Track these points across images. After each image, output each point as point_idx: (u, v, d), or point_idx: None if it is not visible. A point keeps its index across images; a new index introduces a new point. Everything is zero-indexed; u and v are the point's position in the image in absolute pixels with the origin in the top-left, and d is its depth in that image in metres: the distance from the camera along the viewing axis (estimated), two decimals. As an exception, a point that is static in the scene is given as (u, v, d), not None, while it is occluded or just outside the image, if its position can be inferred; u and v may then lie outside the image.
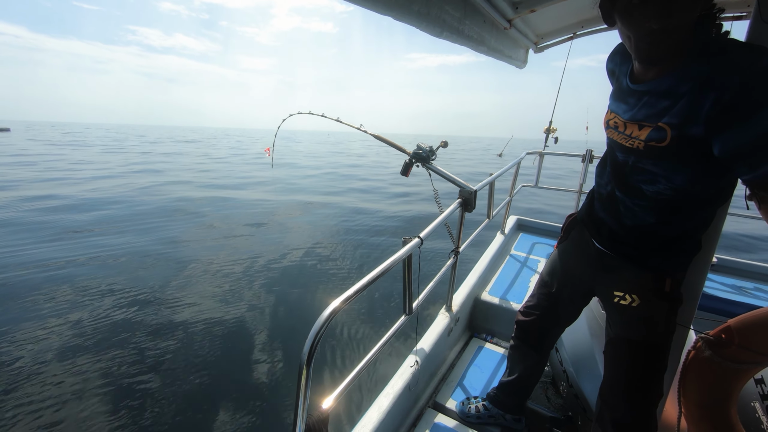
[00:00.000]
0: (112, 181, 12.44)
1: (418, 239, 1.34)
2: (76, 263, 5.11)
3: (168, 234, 6.62)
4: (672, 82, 0.89)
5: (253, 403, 2.71)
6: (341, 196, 10.93)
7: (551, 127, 4.19)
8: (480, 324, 2.49)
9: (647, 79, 0.96)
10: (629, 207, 1.07)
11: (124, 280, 4.63)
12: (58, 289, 4.33)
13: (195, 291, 4.34)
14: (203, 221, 7.57)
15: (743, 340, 1.13)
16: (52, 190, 10.38)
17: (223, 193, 10.85)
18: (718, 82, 0.79)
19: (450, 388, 1.88)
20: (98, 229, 6.82)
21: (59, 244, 5.90)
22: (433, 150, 1.94)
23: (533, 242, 3.59)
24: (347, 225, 7.56)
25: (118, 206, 8.67)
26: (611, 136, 1.10)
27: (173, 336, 3.44)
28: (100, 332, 3.47)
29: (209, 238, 6.53)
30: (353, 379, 1.19)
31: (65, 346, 3.27)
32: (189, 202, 9.45)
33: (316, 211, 8.77)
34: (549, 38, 2.65)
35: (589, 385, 1.62)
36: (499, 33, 2.10)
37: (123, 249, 5.75)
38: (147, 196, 10.06)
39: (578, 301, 1.39)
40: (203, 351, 3.27)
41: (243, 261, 5.39)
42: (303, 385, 0.85)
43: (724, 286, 2.73)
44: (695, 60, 0.85)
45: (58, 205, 8.61)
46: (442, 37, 1.50)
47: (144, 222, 7.29)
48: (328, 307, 0.91)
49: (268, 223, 7.69)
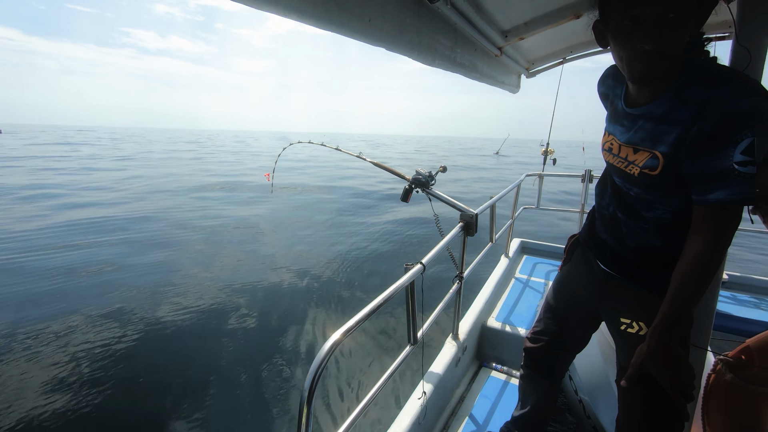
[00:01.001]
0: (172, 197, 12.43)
1: (420, 265, 1.31)
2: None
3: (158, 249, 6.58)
4: (667, 107, 0.90)
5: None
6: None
7: (548, 149, 4.24)
8: (488, 352, 2.41)
9: (642, 103, 0.97)
10: (632, 228, 1.06)
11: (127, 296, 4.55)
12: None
13: (188, 316, 4.26)
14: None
15: (764, 360, 1.08)
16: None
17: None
18: (706, 113, 0.82)
19: (460, 423, 1.79)
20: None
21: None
22: (432, 175, 1.94)
23: (538, 264, 3.54)
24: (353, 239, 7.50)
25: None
26: (608, 159, 1.11)
27: (156, 372, 3.34)
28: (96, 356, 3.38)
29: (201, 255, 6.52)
30: (358, 415, 1.13)
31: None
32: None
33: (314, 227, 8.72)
34: (540, 63, 2.72)
35: (606, 414, 1.54)
36: (490, 60, 2.15)
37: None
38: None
39: (586, 325, 1.34)
40: (195, 383, 3.16)
41: (234, 284, 5.34)
42: (304, 423, 0.80)
43: (736, 303, 2.66)
44: (688, 85, 0.87)
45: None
46: (434, 65, 1.53)
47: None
48: (329, 340, 0.87)
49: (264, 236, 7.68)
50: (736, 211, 0.84)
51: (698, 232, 0.88)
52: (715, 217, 0.85)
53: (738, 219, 0.85)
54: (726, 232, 0.85)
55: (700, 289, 0.87)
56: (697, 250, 0.87)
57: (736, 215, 0.84)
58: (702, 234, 0.87)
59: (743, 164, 0.79)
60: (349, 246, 7.20)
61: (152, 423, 2.81)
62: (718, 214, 0.85)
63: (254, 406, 2.98)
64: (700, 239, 0.87)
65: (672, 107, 0.89)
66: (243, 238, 7.74)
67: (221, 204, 11.24)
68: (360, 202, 11.76)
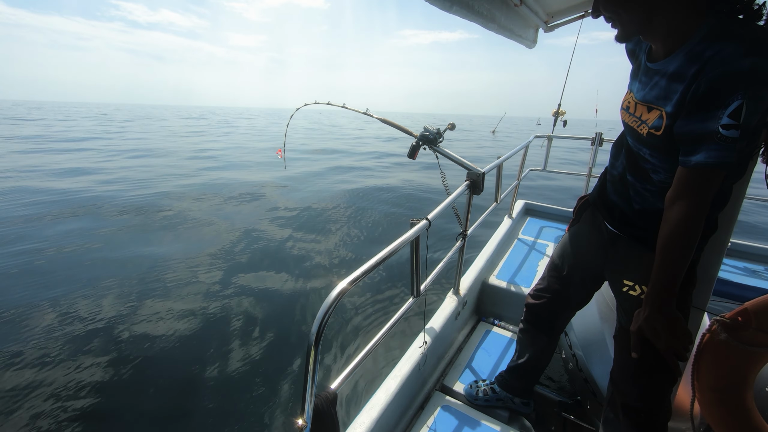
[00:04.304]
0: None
1: (425, 221, 1.32)
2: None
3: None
4: (680, 63, 0.86)
5: (261, 384, 2.74)
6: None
7: (560, 110, 4.10)
8: (487, 308, 2.48)
9: (660, 58, 0.93)
10: (639, 191, 1.06)
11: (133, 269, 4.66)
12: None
13: (194, 274, 4.37)
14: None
15: (761, 322, 1.10)
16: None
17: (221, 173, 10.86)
18: (706, 71, 0.79)
19: (458, 372, 1.88)
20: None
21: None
22: (440, 132, 1.90)
23: (541, 226, 3.56)
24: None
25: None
26: (624, 118, 1.08)
27: (171, 320, 3.47)
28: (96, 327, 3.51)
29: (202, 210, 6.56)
30: (361, 361, 1.18)
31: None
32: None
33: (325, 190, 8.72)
34: (560, 16, 2.57)
35: (599, 369, 1.61)
36: (509, 10, 2.03)
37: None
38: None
39: (589, 284, 1.37)
40: (206, 335, 3.28)
41: (241, 240, 5.42)
42: (311, 365, 0.84)
43: (738, 270, 2.69)
44: (701, 40, 0.82)
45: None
46: (452, 12, 1.44)
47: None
48: (336, 287, 0.89)
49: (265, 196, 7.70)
50: (714, 176, 0.82)
51: (678, 194, 0.87)
52: (693, 181, 0.84)
53: (716, 184, 0.83)
54: (703, 197, 0.84)
55: (683, 251, 0.87)
56: (677, 212, 0.87)
57: (715, 180, 0.82)
58: (681, 197, 0.86)
59: (727, 127, 0.76)
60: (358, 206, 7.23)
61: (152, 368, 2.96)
62: (696, 178, 0.83)
63: (264, 351, 3.12)
64: (679, 202, 0.86)
65: (683, 63, 0.85)
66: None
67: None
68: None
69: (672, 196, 0.89)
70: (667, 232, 0.88)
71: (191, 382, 2.76)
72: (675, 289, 0.89)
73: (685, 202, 0.85)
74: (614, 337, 1.23)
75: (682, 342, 0.90)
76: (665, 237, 0.89)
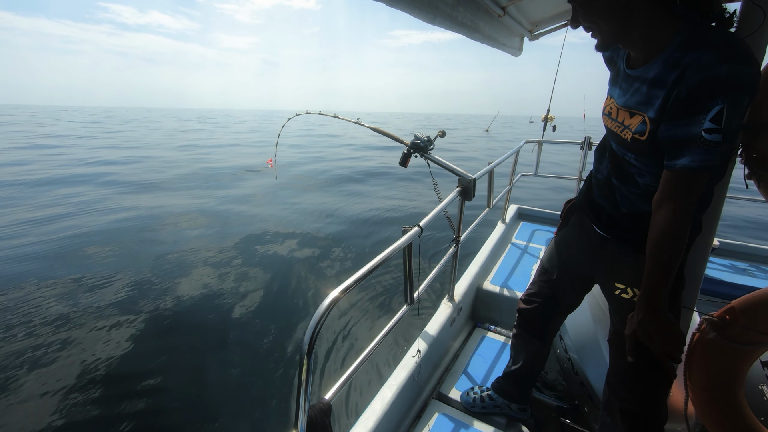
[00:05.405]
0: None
1: (418, 228, 1.33)
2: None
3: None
4: (659, 69, 0.89)
5: (253, 395, 2.70)
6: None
7: (549, 115, 4.17)
8: (483, 313, 2.48)
9: (639, 65, 0.96)
10: (625, 195, 1.08)
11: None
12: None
13: (188, 278, 4.33)
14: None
15: (748, 320, 1.12)
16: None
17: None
18: (685, 77, 0.82)
19: (454, 379, 1.87)
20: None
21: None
22: (431, 140, 1.93)
23: (534, 230, 3.58)
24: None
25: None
26: (606, 123, 1.11)
27: (160, 333, 3.42)
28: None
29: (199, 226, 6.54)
30: (355, 370, 1.18)
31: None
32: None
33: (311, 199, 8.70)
34: (543, 25, 2.63)
35: (594, 371, 1.61)
36: (492, 20, 2.07)
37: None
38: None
39: (579, 288, 1.38)
40: (195, 346, 3.24)
41: (233, 248, 5.39)
42: (304, 376, 0.84)
43: (725, 268, 2.73)
44: (679, 47, 0.85)
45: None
46: (435, 24, 1.47)
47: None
48: (328, 296, 0.90)
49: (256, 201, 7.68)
50: (699, 178, 0.84)
51: (665, 197, 0.89)
52: (678, 183, 0.87)
53: (701, 186, 0.85)
54: (689, 199, 0.86)
55: (672, 253, 0.88)
56: (663, 216, 0.89)
57: (700, 182, 0.85)
58: (667, 200, 0.88)
59: (710, 132, 0.79)
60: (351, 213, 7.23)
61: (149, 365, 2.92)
62: (682, 181, 0.86)
63: (256, 362, 3.08)
64: (666, 205, 0.88)
65: (663, 70, 0.88)
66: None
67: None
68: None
69: (659, 200, 0.90)
70: (657, 235, 0.90)
71: (180, 395, 2.72)
72: (667, 292, 0.90)
73: (672, 205, 0.87)
74: (608, 341, 1.23)
75: (676, 344, 0.91)
76: (655, 240, 0.90)
